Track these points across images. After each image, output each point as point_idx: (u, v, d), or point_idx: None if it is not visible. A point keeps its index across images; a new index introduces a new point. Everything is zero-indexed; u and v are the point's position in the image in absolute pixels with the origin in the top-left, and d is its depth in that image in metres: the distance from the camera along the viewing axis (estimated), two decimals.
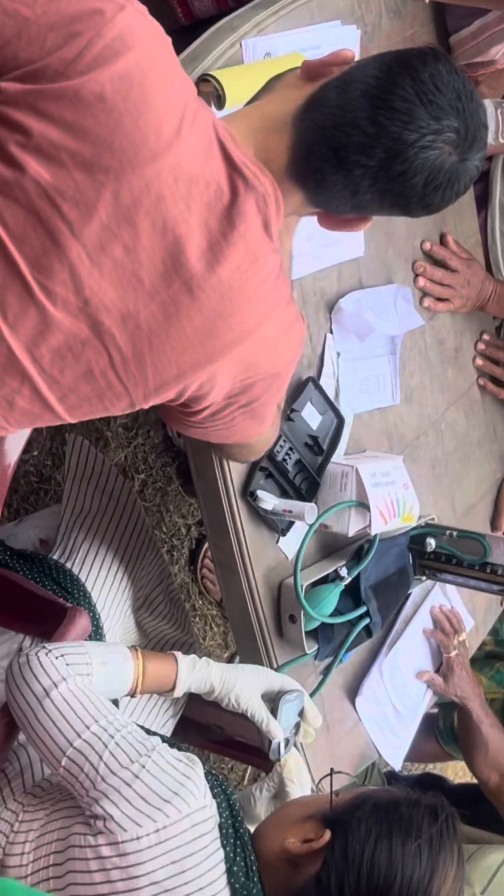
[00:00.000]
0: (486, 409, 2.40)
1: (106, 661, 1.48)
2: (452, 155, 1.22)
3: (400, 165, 1.21)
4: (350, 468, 1.85)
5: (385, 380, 2.02)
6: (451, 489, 2.29)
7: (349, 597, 1.90)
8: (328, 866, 1.33)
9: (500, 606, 2.51)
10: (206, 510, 1.77)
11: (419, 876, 1.31)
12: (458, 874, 1.35)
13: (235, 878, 1.32)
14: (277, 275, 1.27)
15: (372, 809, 1.36)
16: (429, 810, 1.37)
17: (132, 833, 1.28)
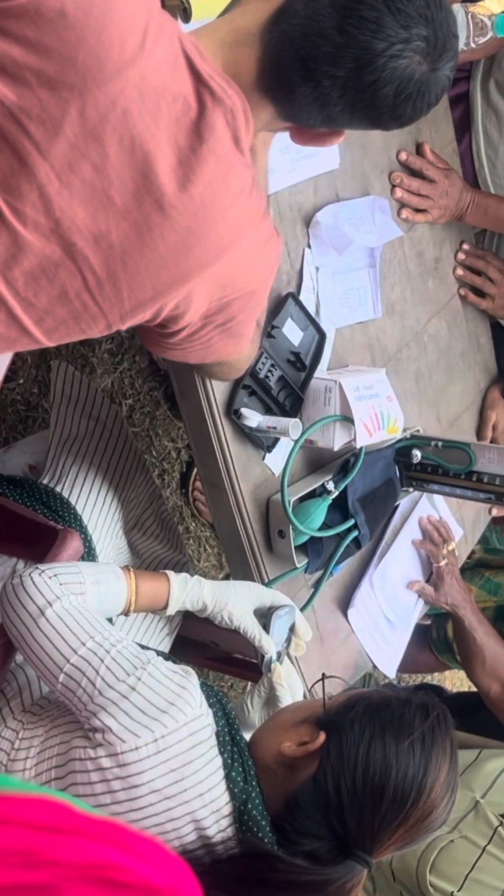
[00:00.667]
0: (468, 319, 2.40)
1: (99, 580, 1.50)
2: (423, 64, 1.21)
3: (369, 75, 1.20)
4: (333, 382, 1.86)
5: (365, 293, 2.02)
6: (435, 400, 2.30)
7: (337, 510, 1.92)
8: (324, 767, 1.36)
9: (488, 515, 2.53)
10: (192, 430, 1.79)
11: (413, 772, 1.34)
12: (451, 768, 1.38)
13: (234, 783, 1.36)
14: (250, 190, 1.26)
15: (364, 710, 1.39)
16: (420, 708, 1.40)
17: (131, 744, 1.31)
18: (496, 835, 2.13)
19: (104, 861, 0.81)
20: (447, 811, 1.39)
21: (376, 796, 1.33)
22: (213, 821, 1.34)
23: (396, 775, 1.34)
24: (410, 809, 1.34)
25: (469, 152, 2.29)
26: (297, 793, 1.37)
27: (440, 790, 1.36)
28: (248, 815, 1.35)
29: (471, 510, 2.47)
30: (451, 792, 1.39)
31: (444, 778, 1.37)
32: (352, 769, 1.34)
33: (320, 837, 1.34)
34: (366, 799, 1.33)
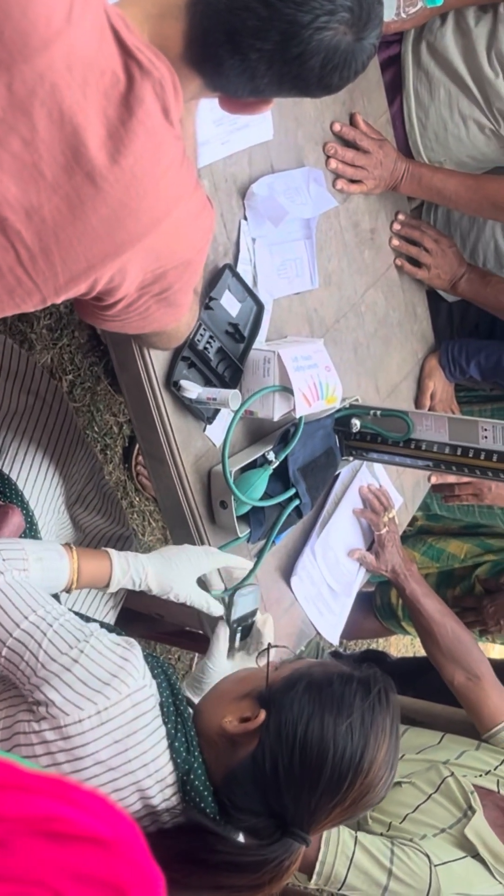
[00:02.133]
0: (404, 289, 2.42)
1: (41, 556, 1.51)
2: (348, 34, 1.22)
3: (296, 48, 1.21)
4: (272, 353, 1.87)
5: (302, 264, 2.03)
6: (373, 370, 2.32)
7: (278, 480, 1.94)
8: (263, 745, 1.38)
9: (427, 482, 2.56)
10: (132, 403, 1.79)
11: (351, 752, 1.36)
12: (390, 746, 1.40)
13: (177, 753, 1.37)
14: (181, 161, 1.26)
15: (305, 688, 1.41)
16: (361, 685, 1.42)
17: (74, 716, 1.32)
18: (444, 784, 2.18)
19: (50, 814, 0.83)
20: (386, 788, 1.42)
21: (313, 776, 1.35)
22: (157, 790, 1.35)
23: (334, 756, 1.36)
24: (348, 789, 1.36)
25: (400, 115, 2.30)
26: (237, 769, 1.39)
27: (378, 770, 1.39)
28: (191, 784, 1.37)
29: (410, 478, 2.50)
30: (390, 770, 1.41)
31: (383, 757, 1.39)
32: (289, 749, 1.36)
33: (259, 814, 1.37)
34: (303, 779, 1.35)
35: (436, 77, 2.25)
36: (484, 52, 2.16)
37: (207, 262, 1.80)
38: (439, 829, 2.11)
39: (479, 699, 2.36)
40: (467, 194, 2.21)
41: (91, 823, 0.90)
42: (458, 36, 2.21)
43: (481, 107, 2.20)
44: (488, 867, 2.08)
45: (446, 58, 2.22)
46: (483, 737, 2.35)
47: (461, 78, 2.21)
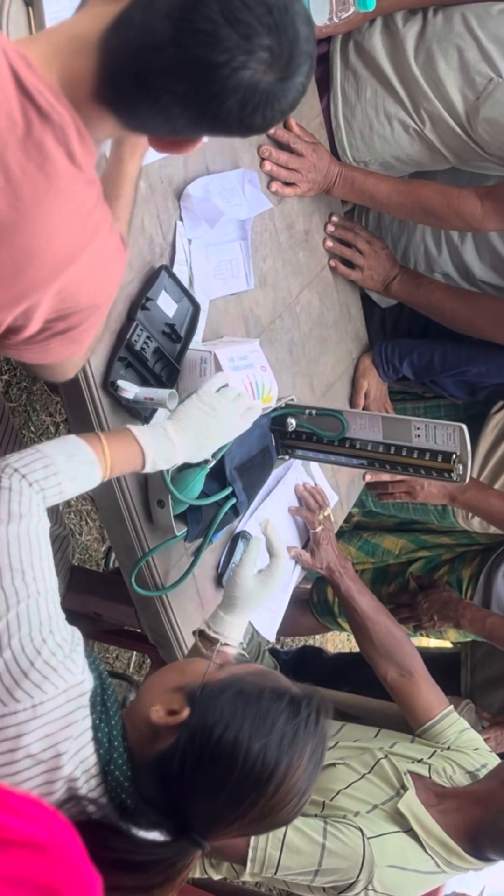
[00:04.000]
0: (338, 290, 2.45)
1: (76, 476, 1.48)
2: (269, 74, 1.16)
3: (210, 90, 1.15)
4: (208, 353, 1.89)
5: (238, 265, 2.05)
6: (308, 370, 2.35)
7: (215, 479, 1.96)
8: (178, 742, 1.35)
9: (362, 480, 2.60)
10: (69, 404, 1.80)
11: (259, 771, 1.33)
12: (305, 772, 1.37)
13: (100, 745, 1.35)
14: (92, 206, 1.24)
15: (233, 695, 1.38)
16: (292, 705, 1.39)
17: (10, 708, 1.30)
18: (377, 765, 2.22)
19: None
20: (294, 813, 1.39)
21: (216, 786, 1.33)
22: (83, 780, 1.34)
23: (240, 771, 1.33)
24: (248, 807, 1.34)
25: (327, 113, 2.33)
26: (151, 761, 1.37)
27: (285, 794, 1.35)
28: (112, 775, 1.35)
29: (345, 476, 2.53)
30: (301, 796, 1.38)
31: (294, 782, 1.36)
32: (199, 753, 1.33)
33: (162, 811, 1.34)
34: (207, 785, 1.33)
35: (363, 76, 2.28)
36: (412, 52, 2.20)
37: (144, 263, 1.81)
38: (372, 806, 2.15)
39: (412, 695, 2.40)
40: (399, 199, 2.25)
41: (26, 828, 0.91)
42: (386, 36, 2.25)
43: (406, 107, 2.24)
44: (421, 842, 2.12)
45: (373, 57, 2.25)
46: (416, 732, 2.39)
47: (387, 78, 2.24)
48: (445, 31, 2.19)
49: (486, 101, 2.14)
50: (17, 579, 1.35)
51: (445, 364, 2.50)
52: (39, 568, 1.38)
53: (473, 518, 2.75)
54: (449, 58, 2.18)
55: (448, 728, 2.36)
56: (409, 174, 2.44)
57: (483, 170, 2.33)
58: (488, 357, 2.47)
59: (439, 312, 2.47)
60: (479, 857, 2.17)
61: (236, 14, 1.12)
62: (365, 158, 2.34)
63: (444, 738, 2.35)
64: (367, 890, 2.03)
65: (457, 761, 2.31)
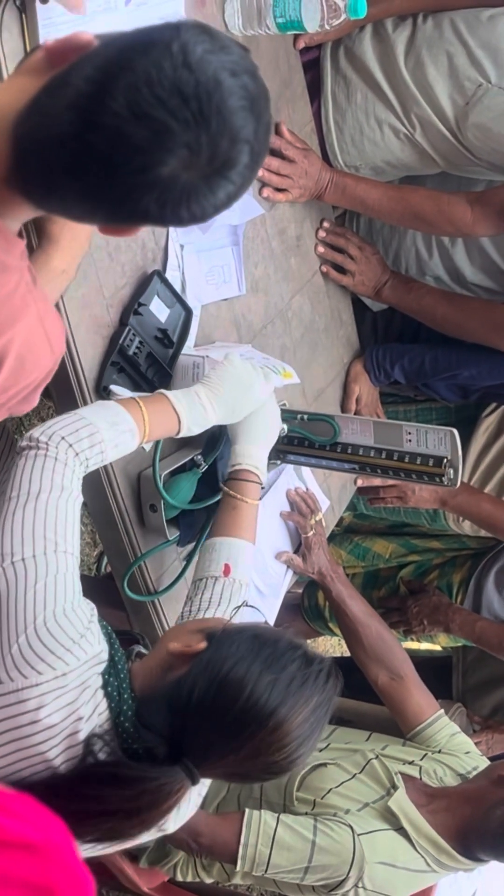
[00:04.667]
0: (330, 295, 2.46)
1: (118, 443, 1.53)
2: (189, 171, 1.03)
3: (118, 189, 1.04)
4: (201, 358, 1.90)
5: (230, 270, 2.06)
6: (300, 375, 2.35)
7: (207, 483, 1.96)
8: (191, 670, 1.40)
9: (353, 485, 2.61)
10: (61, 408, 1.80)
11: (263, 703, 1.36)
12: (308, 721, 1.40)
13: (111, 699, 1.39)
14: (10, 293, 1.19)
15: (251, 637, 1.43)
16: (305, 657, 1.43)
17: (32, 680, 1.33)
18: (368, 765, 2.23)
19: None
20: (288, 761, 1.41)
21: (220, 712, 1.36)
22: (99, 735, 1.37)
23: (246, 700, 1.36)
24: (247, 739, 1.37)
25: (318, 118, 2.34)
26: (160, 689, 1.42)
27: (285, 735, 1.38)
28: (122, 726, 1.39)
29: (337, 481, 2.54)
30: (300, 744, 1.41)
31: (296, 726, 1.39)
32: (209, 679, 1.38)
33: (160, 735, 1.38)
34: (209, 711, 1.37)
35: (353, 81, 2.29)
36: (402, 57, 2.22)
37: (136, 269, 1.82)
38: (363, 804, 2.16)
39: (403, 699, 2.41)
40: (390, 205, 2.26)
41: (20, 829, 0.92)
42: (376, 42, 2.27)
43: (397, 112, 2.25)
44: (411, 840, 2.13)
45: (364, 62, 2.26)
46: (407, 736, 2.40)
47: (377, 83, 2.26)
48: (435, 37, 2.20)
49: (476, 106, 2.15)
50: (49, 551, 1.39)
51: (437, 368, 2.51)
52: (72, 543, 1.42)
53: (464, 521, 2.76)
54: (438, 63, 2.19)
55: (439, 732, 2.37)
56: (400, 179, 2.45)
57: (473, 174, 2.35)
58: (479, 360, 2.48)
59: (430, 316, 2.48)
60: (469, 856, 2.18)
61: (146, 109, 0.99)
62: (356, 163, 2.35)
63: (435, 742, 2.36)
64: (358, 887, 2.04)
65: (447, 764, 2.32)
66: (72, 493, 1.44)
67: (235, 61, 1.03)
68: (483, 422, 2.68)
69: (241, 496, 1.80)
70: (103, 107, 0.99)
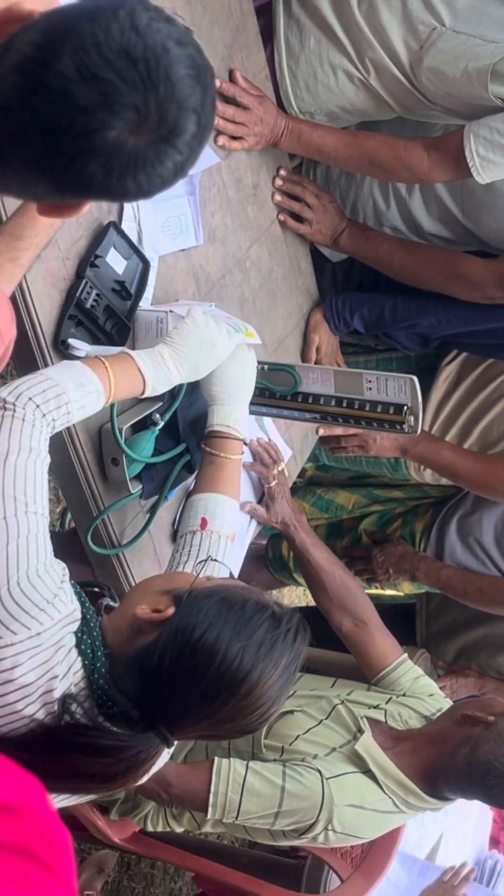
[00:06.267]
0: (288, 244, 2.45)
1: (84, 405, 1.53)
2: (137, 136, 1.01)
3: (63, 155, 1.01)
4: (164, 313, 1.89)
5: (186, 221, 2.04)
6: (259, 325, 2.34)
7: (169, 436, 1.96)
8: (160, 637, 1.41)
9: (315, 435, 2.61)
10: (19, 364, 1.79)
11: (235, 669, 1.39)
12: (278, 682, 1.43)
13: (85, 656, 1.41)
14: None
15: (219, 601, 1.44)
16: (273, 618, 1.45)
17: (6, 640, 1.33)
18: (334, 711, 2.26)
19: None
20: (260, 721, 1.44)
21: (192, 680, 1.38)
22: (75, 693, 1.39)
23: (218, 667, 1.38)
24: (220, 705, 1.39)
25: (271, 63, 2.31)
26: (131, 655, 1.43)
27: (257, 699, 1.41)
28: (97, 683, 1.41)
29: (299, 431, 2.54)
30: (271, 704, 1.43)
31: (267, 688, 1.41)
32: (180, 647, 1.39)
33: (133, 702, 1.39)
34: (182, 679, 1.38)
35: (306, 26, 2.26)
36: (355, 1, 2.18)
37: (91, 221, 1.80)
38: (330, 749, 2.19)
39: (367, 644, 2.43)
40: (346, 151, 2.24)
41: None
42: None
43: (350, 57, 2.23)
44: (379, 782, 2.17)
45: (316, 7, 2.23)
46: (372, 681, 2.42)
47: (331, 27, 2.22)
48: None
49: (430, 50, 2.13)
50: (20, 512, 1.40)
51: (396, 317, 2.51)
52: (41, 504, 1.43)
53: (426, 470, 2.78)
54: (392, 7, 2.16)
55: (403, 675, 2.40)
56: (356, 124, 2.42)
57: (429, 119, 2.33)
58: (438, 309, 2.48)
59: (388, 265, 2.47)
60: (436, 796, 2.23)
61: (93, 69, 0.97)
62: (310, 109, 2.32)
63: (399, 686, 2.39)
64: (327, 830, 2.07)
65: (412, 707, 2.35)
66: (40, 454, 1.45)
67: (181, 33, 1.02)
68: (443, 370, 2.69)
69: (219, 452, 1.83)
70: (49, 69, 0.97)
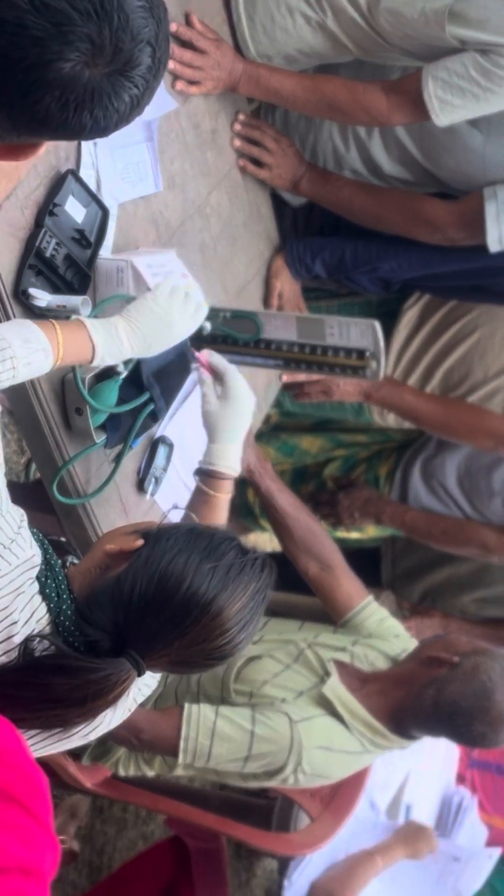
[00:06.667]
0: (248, 190, 2.43)
1: (30, 361, 1.51)
2: (92, 68, 1.01)
3: (19, 86, 1.00)
4: (125, 262, 1.88)
5: (145, 167, 2.02)
6: (221, 272, 2.34)
7: (133, 385, 1.95)
8: (130, 566, 1.44)
9: (279, 381, 2.62)
10: None
11: (205, 590, 1.41)
12: (247, 607, 1.45)
13: (49, 600, 1.42)
14: None
15: (187, 531, 1.49)
16: (240, 547, 1.49)
17: None
18: (301, 655, 2.30)
19: None
20: (230, 645, 1.46)
21: (162, 602, 1.41)
22: (39, 637, 1.40)
23: (187, 589, 1.41)
24: (191, 625, 1.41)
25: (228, 7, 2.28)
26: (101, 587, 1.46)
27: (227, 620, 1.43)
28: (63, 625, 1.43)
29: (262, 378, 2.54)
30: (241, 629, 1.46)
31: (236, 611, 1.44)
32: (150, 573, 1.42)
33: (104, 630, 1.42)
34: (153, 602, 1.41)
35: None
36: None
37: (49, 168, 1.78)
38: (298, 693, 2.23)
39: (332, 588, 2.46)
40: (304, 95, 2.23)
41: None
42: None
43: None
44: (346, 724, 2.21)
45: None
46: (338, 624, 2.46)
47: None
48: None
49: None
50: None
51: (357, 261, 2.51)
52: None
53: (389, 415, 2.79)
54: None
55: (369, 618, 2.43)
56: (314, 67, 2.40)
57: (387, 61, 2.31)
58: (399, 252, 2.48)
59: (349, 209, 2.47)
60: (402, 735, 2.27)
61: (46, 0, 0.97)
62: (268, 52, 2.30)
63: (366, 628, 2.43)
64: (297, 772, 2.11)
65: (378, 648, 2.39)
66: None
67: None
68: (405, 314, 2.70)
69: (212, 491, 1.89)
70: (3, 1, 0.96)
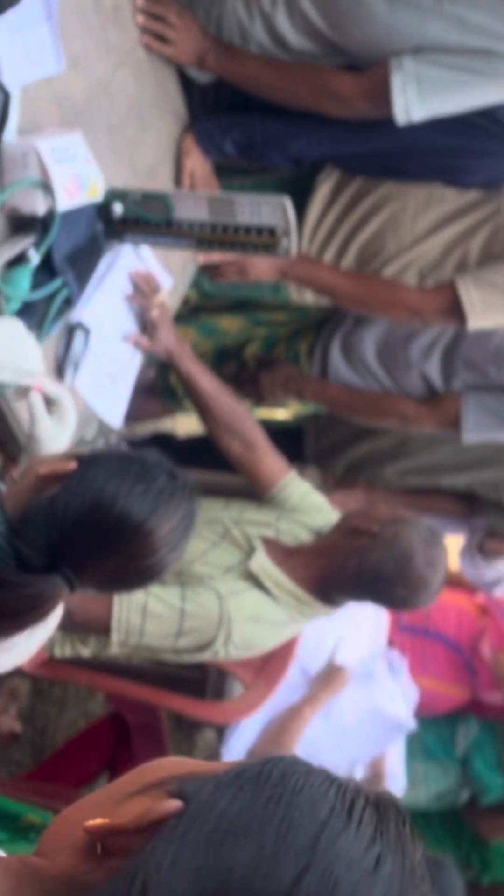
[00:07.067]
0: (154, 68, 2.39)
1: None
2: None
3: None
4: (29, 146, 1.85)
5: (46, 47, 1.98)
6: (129, 153, 2.32)
7: (46, 270, 1.95)
8: (64, 487, 1.47)
9: (195, 262, 2.61)
10: None
11: (138, 510, 1.45)
12: (178, 529, 1.50)
13: None
14: None
15: (120, 455, 1.53)
16: (170, 473, 1.52)
17: None
18: (227, 533, 2.38)
19: None
20: (162, 563, 1.51)
21: (96, 521, 1.44)
22: None
23: (121, 509, 1.45)
24: (125, 544, 1.45)
25: None
26: (35, 506, 1.48)
27: (159, 540, 1.48)
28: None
29: (178, 259, 2.54)
30: (172, 550, 1.51)
31: (167, 532, 1.48)
32: (84, 494, 1.45)
33: (36, 548, 1.44)
34: (87, 522, 1.44)
35: None
36: None
37: None
38: (225, 569, 2.31)
39: (256, 465, 2.51)
40: None
41: None
42: None
43: None
44: (273, 596, 2.30)
45: None
46: (262, 500, 2.51)
47: None
48: None
49: None
50: None
51: (266, 139, 2.49)
52: None
53: (306, 292, 2.81)
54: None
55: (292, 493, 2.49)
56: None
57: None
58: (308, 129, 2.47)
59: (256, 84, 2.44)
60: (328, 602, 2.36)
61: None
62: None
63: (290, 503, 2.49)
64: (227, 645, 2.19)
65: (302, 521, 2.46)
66: None
67: None
68: (318, 189, 2.69)
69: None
70: None
